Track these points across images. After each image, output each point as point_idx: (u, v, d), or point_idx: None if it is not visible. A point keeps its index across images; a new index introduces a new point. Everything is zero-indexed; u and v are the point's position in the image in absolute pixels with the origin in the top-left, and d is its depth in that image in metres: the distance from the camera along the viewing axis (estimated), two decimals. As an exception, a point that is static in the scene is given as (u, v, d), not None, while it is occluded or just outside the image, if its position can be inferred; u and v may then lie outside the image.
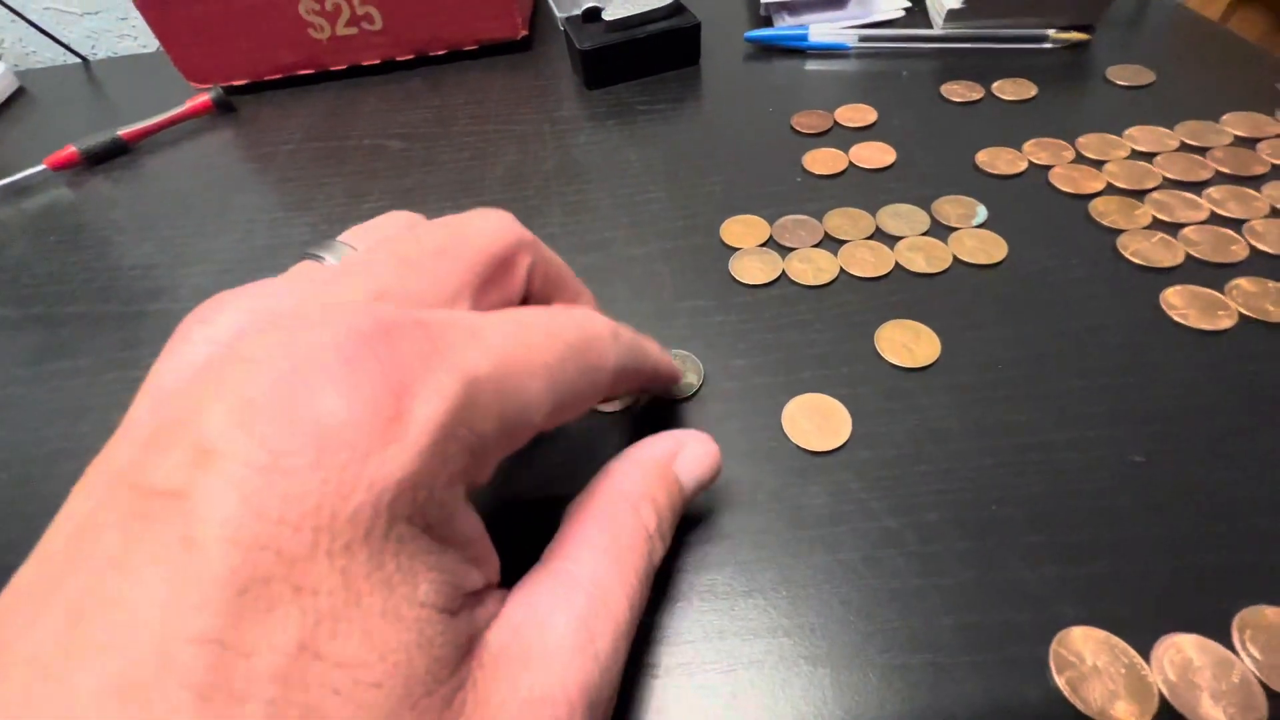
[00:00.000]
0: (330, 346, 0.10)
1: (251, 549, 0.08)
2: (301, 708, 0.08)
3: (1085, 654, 0.14)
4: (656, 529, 0.14)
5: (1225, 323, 0.20)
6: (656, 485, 0.14)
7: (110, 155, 0.37)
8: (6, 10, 0.46)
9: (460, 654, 0.10)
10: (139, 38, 0.52)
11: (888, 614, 0.16)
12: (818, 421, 0.19)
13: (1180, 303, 0.21)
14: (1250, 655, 0.14)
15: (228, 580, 0.08)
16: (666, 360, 0.17)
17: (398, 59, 0.41)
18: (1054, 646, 0.15)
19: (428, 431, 0.10)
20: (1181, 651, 0.14)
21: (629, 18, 0.35)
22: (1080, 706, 0.14)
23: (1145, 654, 0.14)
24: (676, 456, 0.15)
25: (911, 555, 0.17)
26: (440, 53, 0.41)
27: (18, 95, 0.47)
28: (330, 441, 0.09)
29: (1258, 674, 0.14)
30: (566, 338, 0.12)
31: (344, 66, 0.41)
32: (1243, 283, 0.21)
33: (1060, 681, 0.14)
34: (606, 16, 0.35)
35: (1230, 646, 0.14)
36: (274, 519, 0.08)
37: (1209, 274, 0.22)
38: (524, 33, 0.41)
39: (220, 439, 0.09)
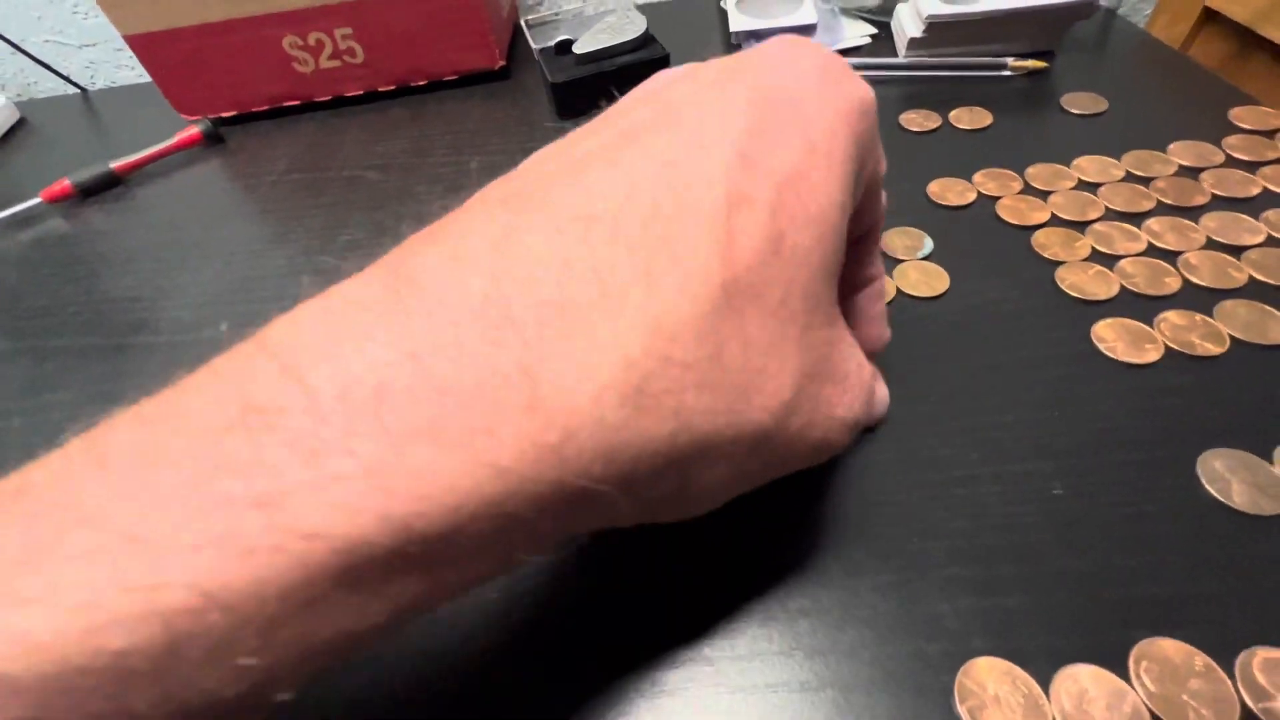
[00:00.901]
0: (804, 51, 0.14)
1: (768, 95, 0.12)
2: (786, 218, 0.11)
3: (988, 684, 0.15)
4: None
5: (1151, 355, 0.21)
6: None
7: (103, 187, 0.39)
8: (6, 44, 0.48)
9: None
10: (136, 67, 0.53)
11: (808, 643, 0.16)
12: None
13: (1110, 336, 0.22)
14: (1143, 686, 0.15)
15: (752, 109, 0.12)
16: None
17: (379, 89, 0.42)
18: (959, 677, 0.15)
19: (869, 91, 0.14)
20: (1078, 682, 0.15)
21: (598, 50, 0.36)
22: (978, 736, 0.15)
23: (1045, 684, 0.15)
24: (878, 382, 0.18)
25: (834, 588, 0.17)
26: (421, 83, 0.42)
27: (19, 126, 0.48)
28: (825, 69, 0.13)
29: (1149, 704, 0.14)
30: None
31: (328, 97, 0.42)
32: (1171, 315, 0.22)
33: (962, 710, 0.15)
34: (577, 50, 0.36)
35: (1126, 677, 0.15)
36: (787, 83, 0.13)
37: (1141, 306, 0.23)
38: (502, 63, 0.42)
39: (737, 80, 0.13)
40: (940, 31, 0.34)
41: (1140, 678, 0.15)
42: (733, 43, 0.41)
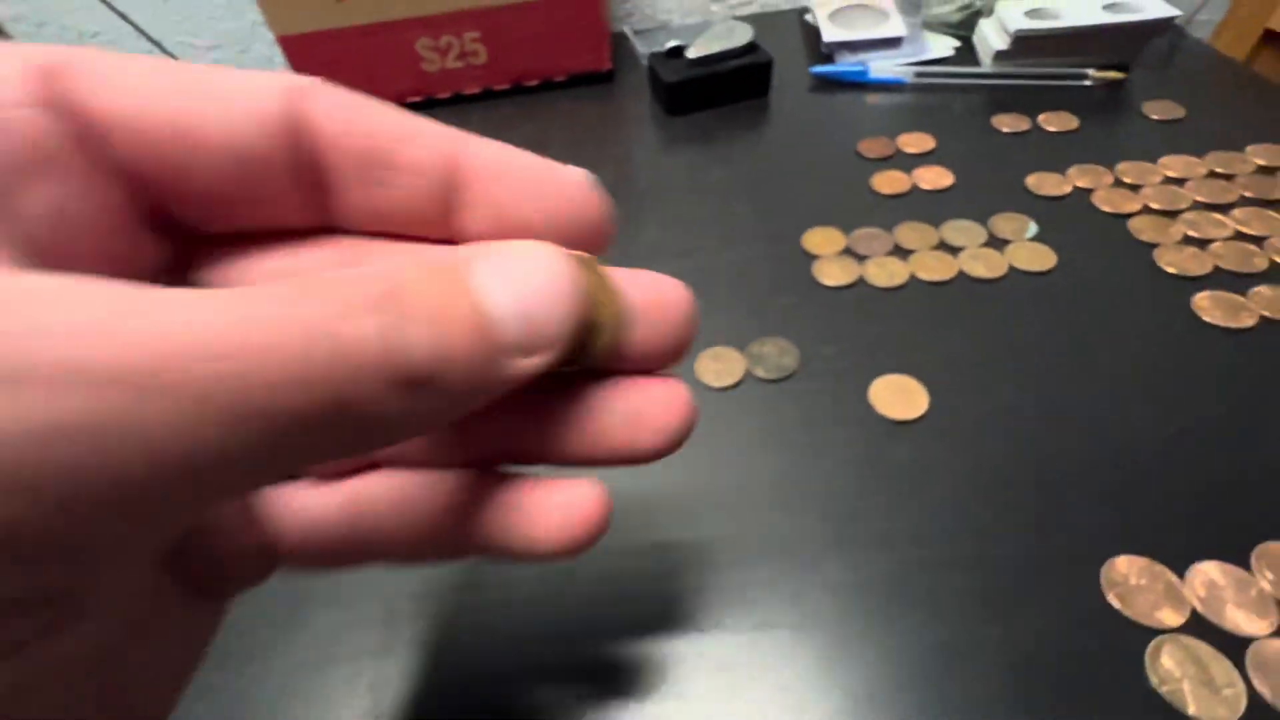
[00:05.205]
0: None
1: None
2: None
3: (1130, 575, 0.18)
4: None
5: (1247, 321, 0.24)
6: None
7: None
8: (148, 42, 0.53)
9: None
10: (253, 69, 0.58)
11: (961, 550, 0.19)
12: (900, 396, 0.23)
13: (1208, 305, 0.24)
14: (1265, 578, 0.18)
15: None
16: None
17: (495, 89, 0.46)
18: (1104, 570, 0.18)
19: None
20: (1208, 574, 0.18)
21: (710, 55, 0.39)
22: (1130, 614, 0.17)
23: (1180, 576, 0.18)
24: None
25: (984, 501, 0.20)
26: (533, 83, 0.46)
27: (155, 117, 0.53)
28: None
29: (1272, 592, 0.17)
30: None
31: (448, 95, 0.46)
32: (1263, 289, 0.25)
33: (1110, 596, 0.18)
34: (690, 54, 0.40)
35: (1249, 571, 0.18)
36: None
37: (1234, 282, 0.25)
38: (609, 66, 0.46)
39: None
40: (1026, 45, 0.38)
41: (1262, 571, 0.18)
42: (823, 52, 0.45)
